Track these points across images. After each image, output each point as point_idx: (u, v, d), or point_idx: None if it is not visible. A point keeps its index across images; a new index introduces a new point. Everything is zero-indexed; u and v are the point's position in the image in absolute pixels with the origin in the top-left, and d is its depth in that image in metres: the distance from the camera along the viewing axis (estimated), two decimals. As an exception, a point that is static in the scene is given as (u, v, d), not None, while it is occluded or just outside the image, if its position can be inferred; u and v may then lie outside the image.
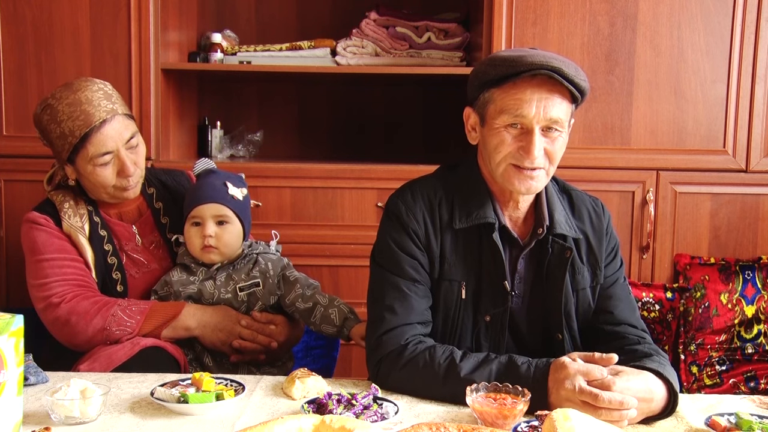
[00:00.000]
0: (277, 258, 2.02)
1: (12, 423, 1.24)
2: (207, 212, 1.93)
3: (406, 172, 2.55)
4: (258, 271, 1.97)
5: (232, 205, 1.95)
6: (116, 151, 1.90)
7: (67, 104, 1.88)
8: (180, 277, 1.97)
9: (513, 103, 1.53)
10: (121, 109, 1.94)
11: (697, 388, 2.65)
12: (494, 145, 1.58)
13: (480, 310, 1.65)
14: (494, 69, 1.55)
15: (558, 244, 1.65)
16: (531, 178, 1.58)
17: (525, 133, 1.55)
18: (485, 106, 1.59)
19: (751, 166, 2.72)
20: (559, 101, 1.54)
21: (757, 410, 1.47)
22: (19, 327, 1.26)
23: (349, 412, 1.38)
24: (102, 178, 1.91)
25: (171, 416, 1.42)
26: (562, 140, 1.59)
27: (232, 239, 1.95)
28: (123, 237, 2.00)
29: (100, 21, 2.62)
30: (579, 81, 1.54)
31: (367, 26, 2.85)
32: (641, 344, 1.61)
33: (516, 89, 1.53)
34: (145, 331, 1.84)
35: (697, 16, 2.66)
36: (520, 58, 1.52)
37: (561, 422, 1.17)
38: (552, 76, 1.51)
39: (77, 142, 1.88)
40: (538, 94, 1.53)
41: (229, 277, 1.96)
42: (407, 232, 1.64)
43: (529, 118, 1.53)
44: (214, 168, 2.03)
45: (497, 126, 1.56)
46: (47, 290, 1.87)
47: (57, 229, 1.93)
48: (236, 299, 1.95)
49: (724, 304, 2.69)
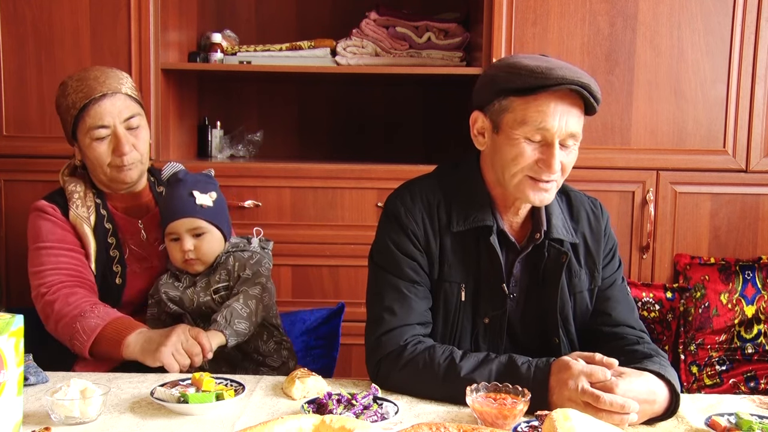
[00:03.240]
0: (249, 255, 1.98)
1: (12, 423, 1.24)
2: (181, 228, 1.90)
3: (406, 172, 2.55)
4: (226, 271, 1.96)
5: (204, 215, 1.90)
6: (113, 127, 1.95)
7: (77, 80, 1.98)
8: (167, 282, 1.98)
9: (536, 115, 1.51)
10: (129, 91, 1.99)
11: (697, 388, 2.65)
12: (512, 156, 1.55)
13: (479, 313, 1.65)
14: (519, 78, 1.51)
15: (555, 249, 1.64)
16: (545, 190, 1.57)
17: (545, 145, 1.53)
18: (501, 113, 1.56)
19: (751, 166, 2.72)
20: (578, 115, 1.53)
21: (757, 410, 1.47)
22: (19, 327, 1.26)
23: (349, 412, 1.38)
24: (98, 154, 1.96)
25: (171, 416, 1.42)
26: (575, 152, 1.59)
27: (212, 247, 1.94)
28: (128, 231, 2.03)
29: (100, 21, 2.62)
30: (600, 96, 1.54)
31: (367, 26, 2.85)
32: (640, 344, 1.61)
33: (539, 101, 1.51)
34: (93, 351, 1.82)
35: (697, 16, 2.66)
36: (549, 71, 1.49)
37: (561, 422, 1.17)
38: (580, 91, 1.50)
39: (77, 113, 1.95)
40: (561, 108, 1.51)
41: (208, 282, 1.96)
42: (406, 233, 1.64)
43: (551, 132, 1.51)
44: (180, 172, 1.96)
45: (516, 136, 1.54)
46: (40, 278, 1.92)
47: (63, 218, 1.97)
48: (214, 302, 1.95)
49: (724, 304, 2.69)
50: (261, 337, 2.00)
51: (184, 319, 1.97)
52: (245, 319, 1.85)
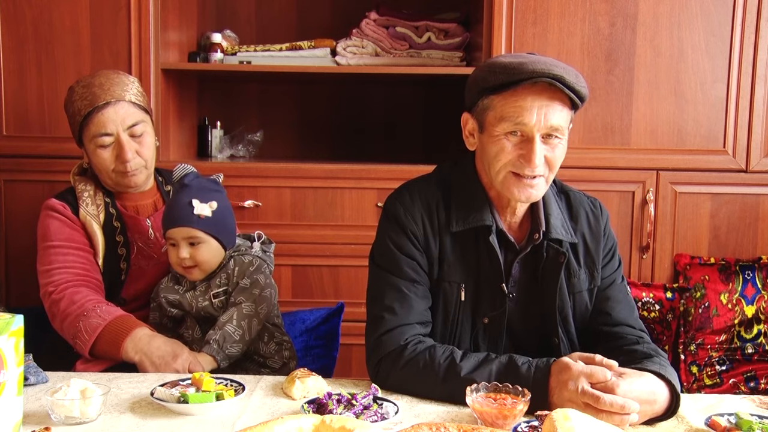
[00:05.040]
0: (250, 260, 1.97)
1: (12, 423, 1.24)
2: (178, 235, 1.90)
3: (406, 172, 2.55)
4: (226, 275, 1.96)
5: (201, 225, 1.88)
6: (116, 135, 1.98)
7: (83, 86, 2.01)
8: (168, 285, 1.99)
9: (513, 110, 1.52)
10: (133, 98, 2.01)
11: (697, 388, 2.65)
12: (494, 153, 1.56)
13: (478, 313, 1.65)
14: (494, 76, 1.53)
15: (553, 249, 1.64)
16: (531, 186, 1.57)
17: (525, 140, 1.54)
18: (484, 113, 1.57)
19: (751, 166, 2.72)
20: (559, 108, 1.53)
21: (757, 410, 1.47)
22: (19, 327, 1.26)
23: (349, 412, 1.38)
24: (102, 160, 2.00)
25: (171, 416, 1.42)
26: (562, 147, 1.58)
27: (209, 257, 1.92)
28: (136, 230, 2.06)
29: (100, 21, 2.62)
30: (579, 88, 1.53)
31: (367, 26, 2.85)
32: (640, 344, 1.61)
33: (516, 97, 1.51)
34: (94, 351, 1.84)
35: (697, 16, 2.66)
36: (520, 65, 1.50)
37: (561, 422, 1.17)
38: (553, 83, 1.49)
39: (82, 121, 1.99)
40: (538, 102, 1.51)
41: (208, 285, 1.96)
42: (406, 233, 1.64)
43: (529, 126, 1.52)
44: (188, 176, 1.94)
45: (497, 134, 1.55)
46: (47, 277, 1.94)
47: (72, 216, 2.01)
48: (213, 306, 1.95)
49: (724, 304, 2.69)
50: (262, 338, 2.00)
51: (187, 319, 1.97)
52: (238, 342, 1.87)
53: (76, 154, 2.16)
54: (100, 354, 1.84)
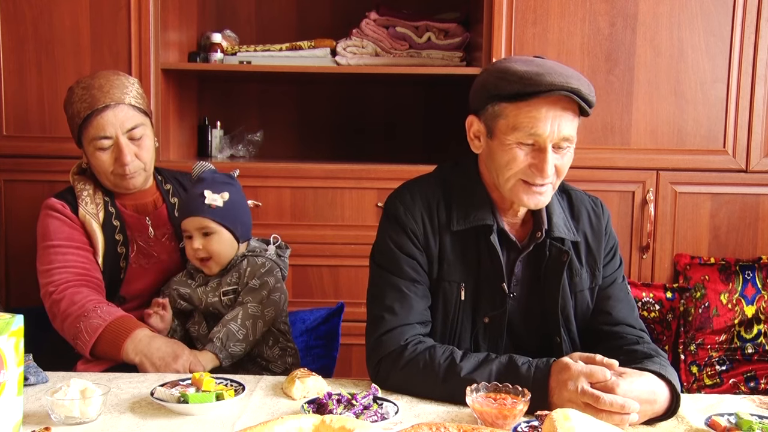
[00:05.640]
0: (263, 262, 1.98)
1: (12, 423, 1.24)
2: (191, 226, 1.93)
3: (406, 172, 2.55)
4: (238, 274, 1.97)
5: (212, 215, 1.91)
6: (115, 138, 1.98)
7: (82, 88, 1.99)
8: (181, 278, 2.01)
9: (527, 121, 1.50)
10: (133, 101, 2.00)
11: (697, 388, 2.65)
12: (505, 162, 1.55)
13: (479, 312, 1.65)
14: (508, 84, 1.51)
15: (556, 248, 1.64)
16: (540, 193, 1.57)
17: (537, 150, 1.53)
18: (495, 119, 1.55)
19: (751, 166, 2.72)
20: (571, 118, 1.52)
21: (757, 410, 1.47)
22: (19, 327, 1.26)
23: (349, 412, 1.38)
24: (101, 162, 2.00)
25: (171, 416, 1.42)
26: (570, 154, 1.58)
27: (222, 248, 1.94)
28: (136, 229, 2.06)
29: (100, 21, 2.62)
30: (592, 98, 1.52)
31: (367, 26, 2.84)
32: (640, 344, 1.61)
33: (530, 107, 1.50)
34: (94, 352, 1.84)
35: (697, 16, 2.66)
36: (538, 77, 1.47)
37: (561, 422, 1.17)
38: (570, 96, 1.49)
39: (81, 123, 1.98)
40: (552, 112, 1.50)
41: (219, 282, 1.97)
42: (406, 232, 1.64)
43: (543, 137, 1.51)
44: (207, 171, 1.99)
45: (509, 142, 1.53)
46: (47, 277, 1.94)
47: (72, 216, 2.00)
48: (221, 303, 1.96)
49: (724, 304, 2.69)
50: (266, 342, 2.00)
51: (195, 314, 1.98)
52: (241, 342, 1.88)
53: (76, 154, 2.16)
54: (100, 355, 1.85)
